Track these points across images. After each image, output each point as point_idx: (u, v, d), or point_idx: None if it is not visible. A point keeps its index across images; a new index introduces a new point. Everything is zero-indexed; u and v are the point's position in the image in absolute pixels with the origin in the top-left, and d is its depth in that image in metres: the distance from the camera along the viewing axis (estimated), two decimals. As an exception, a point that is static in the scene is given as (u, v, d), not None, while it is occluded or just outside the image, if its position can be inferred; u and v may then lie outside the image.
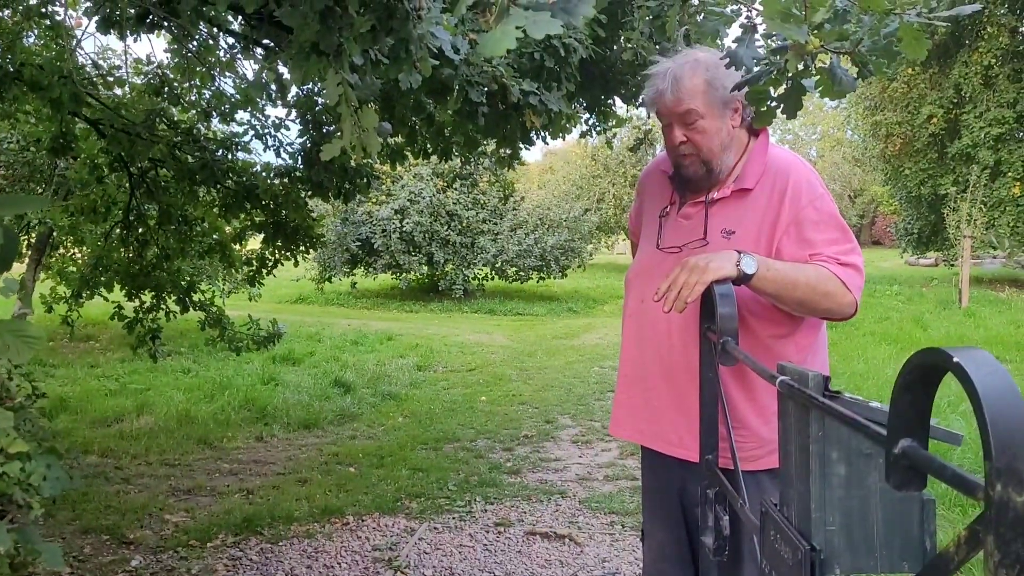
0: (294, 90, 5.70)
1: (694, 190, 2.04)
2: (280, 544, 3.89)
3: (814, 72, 1.60)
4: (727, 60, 1.61)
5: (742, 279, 1.80)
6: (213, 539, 3.93)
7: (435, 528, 4.11)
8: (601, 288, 19.35)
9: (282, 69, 3.29)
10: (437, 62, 2.57)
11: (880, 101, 19.20)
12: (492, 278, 16.88)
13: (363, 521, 4.21)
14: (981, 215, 14.93)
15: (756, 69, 1.67)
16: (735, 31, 1.62)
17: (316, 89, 5.51)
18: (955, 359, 0.76)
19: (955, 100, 17.37)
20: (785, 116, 1.66)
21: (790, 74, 1.61)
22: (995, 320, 11.47)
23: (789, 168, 1.97)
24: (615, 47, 3.84)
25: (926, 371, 0.90)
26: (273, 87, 4.87)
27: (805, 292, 1.84)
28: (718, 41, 1.86)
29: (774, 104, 1.71)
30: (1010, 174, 16.33)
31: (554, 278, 17.04)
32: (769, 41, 1.69)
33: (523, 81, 3.08)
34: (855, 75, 1.54)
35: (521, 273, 16.44)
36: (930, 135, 17.78)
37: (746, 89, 1.78)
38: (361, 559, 3.72)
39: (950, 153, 17.42)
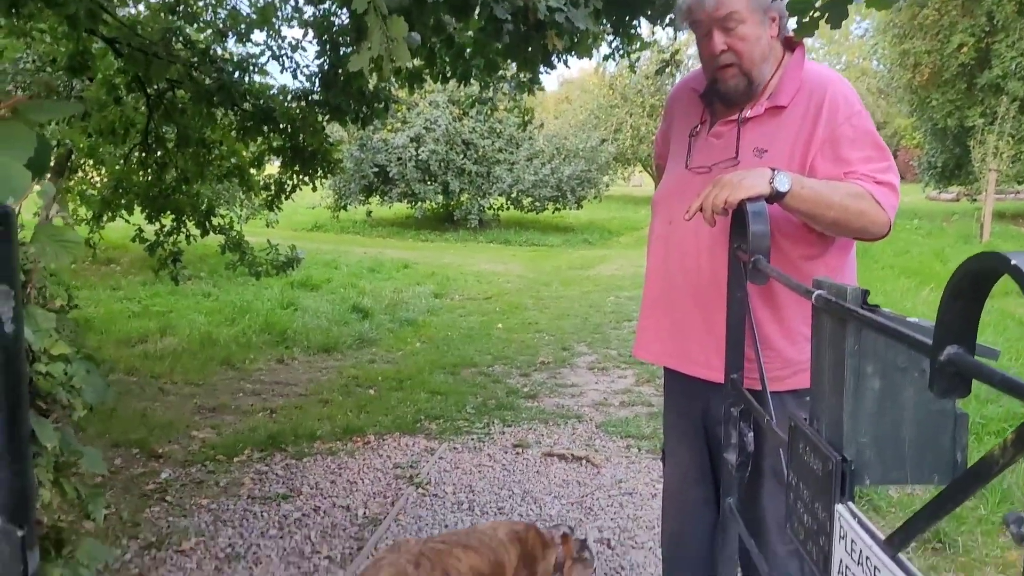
0: (311, 9, 5.61)
1: (730, 105, 2.00)
2: (304, 460, 3.99)
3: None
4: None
5: (775, 197, 1.78)
6: (239, 454, 4.03)
7: (454, 448, 4.19)
8: (617, 220, 19.23)
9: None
10: (464, -25, 2.51)
11: (909, 29, 18.63)
12: (507, 208, 16.79)
13: (384, 440, 4.29)
14: (1008, 148, 14.60)
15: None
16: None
17: (333, 8, 5.41)
18: (1013, 262, 0.75)
19: (987, 28, 16.81)
20: (830, 26, 1.62)
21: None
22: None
23: (826, 84, 1.92)
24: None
25: (980, 276, 0.89)
26: (292, 2, 4.77)
27: (839, 211, 1.81)
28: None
29: (817, 15, 1.66)
30: (1041, 106, 15.92)
31: (569, 209, 16.94)
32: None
33: (550, -2, 3.00)
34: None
35: (536, 203, 16.35)
36: (959, 65, 17.29)
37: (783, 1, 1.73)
38: (383, 475, 3.81)
39: (979, 84, 16.95)
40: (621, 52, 5.02)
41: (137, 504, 3.43)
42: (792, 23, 1.86)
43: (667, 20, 4.32)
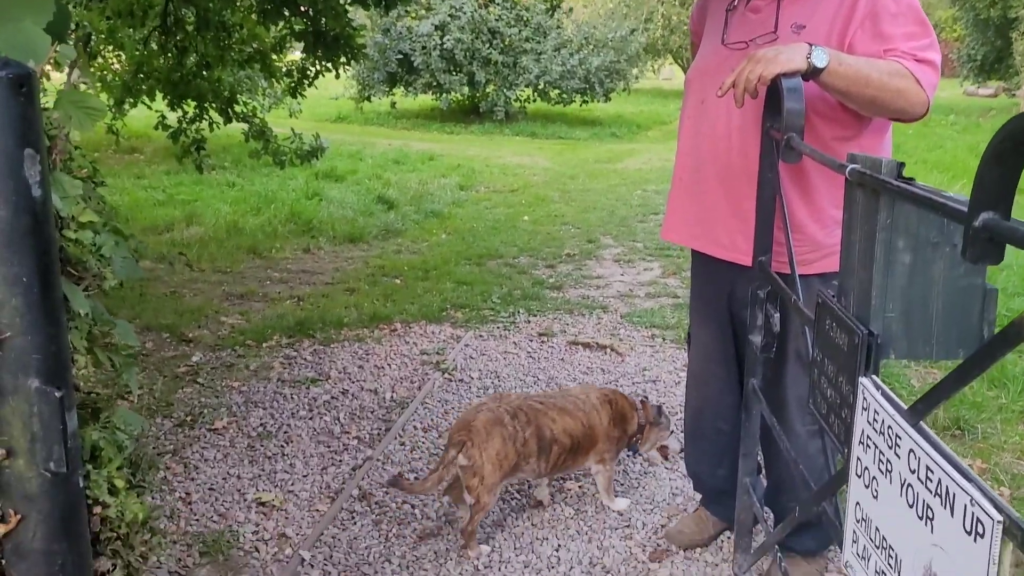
0: None
1: None
2: (332, 346, 4.07)
3: None
4: None
5: (812, 73, 1.72)
6: (268, 340, 4.12)
7: (480, 336, 4.25)
8: (645, 113, 18.79)
9: None
10: None
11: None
12: (534, 100, 16.44)
13: (410, 328, 4.36)
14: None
15: None
16: None
17: None
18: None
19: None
20: None
21: None
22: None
23: None
24: None
25: (1018, 141, 0.86)
26: None
27: (877, 89, 1.75)
28: None
29: None
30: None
31: (597, 102, 16.54)
32: None
33: None
34: None
35: (564, 95, 15.97)
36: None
37: None
38: (410, 361, 3.89)
39: (1027, -28, 16.06)
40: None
41: (170, 385, 3.54)
42: None
43: None
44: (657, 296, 5.00)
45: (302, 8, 5.49)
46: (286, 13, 5.50)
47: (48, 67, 1.45)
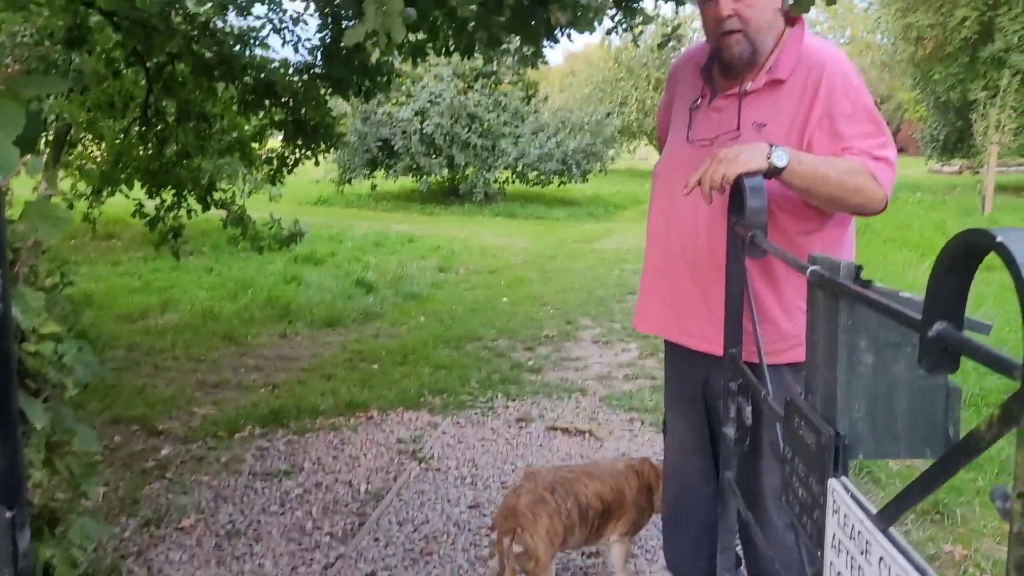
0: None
1: (731, 75, 1.97)
2: (306, 435, 4.01)
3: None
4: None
5: (773, 172, 1.77)
6: (240, 430, 4.05)
7: (458, 423, 4.21)
8: (622, 193, 19.15)
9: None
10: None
11: (912, 2, 18.41)
12: (513, 181, 16.73)
13: (387, 415, 4.31)
14: (1010, 121, 14.46)
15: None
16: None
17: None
18: (999, 239, 0.74)
19: (990, 2, 16.59)
20: (825, 1, 1.59)
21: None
22: (1016, 226, 11.27)
23: (824, 59, 1.90)
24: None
25: (968, 252, 0.88)
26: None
27: (836, 187, 1.80)
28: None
29: (816, -14, 1.63)
30: (1041, 79, 15.74)
31: (575, 182, 16.86)
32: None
33: (550, -32, 2.95)
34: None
35: (542, 177, 16.27)
36: (962, 38, 17.07)
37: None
38: (386, 450, 3.83)
39: (981, 57, 16.74)
40: (624, 26, 4.96)
41: (136, 481, 3.45)
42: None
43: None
44: (635, 378, 5.00)
45: (283, 98, 5.61)
46: (267, 103, 5.62)
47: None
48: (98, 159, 6.50)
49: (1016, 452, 0.63)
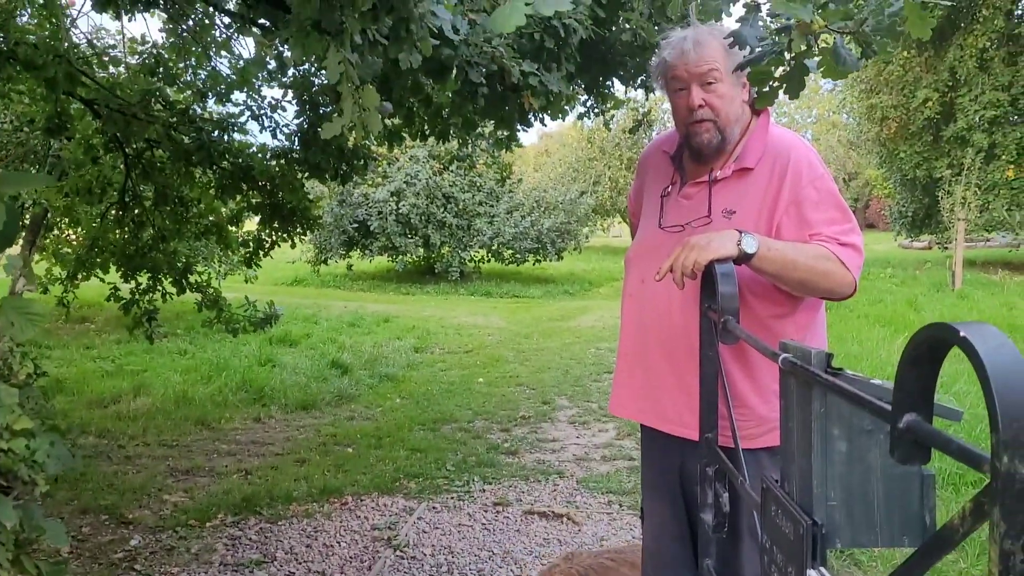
0: (291, 70, 5.68)
1: (700, 163, 2.04)
2: (279, 523, 3.91)
3: (816, 52, 1.61)
4: (731, 40, 1.61)
5: (743, 258, 1.81)
6: (212, 519, 3.95)
7: (434, 508, 4.14)
8: (597, 271, 19.34)
9: (281, 48, 3.27)
10: (437, 42, 2.56)
11: (876, 84, 19.16)
12: (488, 260, 16.87)
13: (362, 501, 4.23)
14: (975, 198, 14.93)
15: (759, 49, 1.67)
16: (739, 10, 1.62)
17: (313, 69, 5.49)
18: (962, 333, 0.77)
19: (950, 83, 17.33)
20: (788, 96, 1.66)
21: (793, 54, 1.61)
22: (988, 302, 11.53)
23: (790, 148, 1.97)
24: (614, 28, 3.82)
25: (932, 345, 0.91)
26: (272, 64, 4.84)
27: (805, 272, 1.85)
28: (721, 21, 1.86)
29: (776, 85, 1.71)
30: (1004, 157, 16.33)
31: (550, 260, 17.04)
32: (772, 21, 1.69)
33: (523, 62, 3.06)
34: (858, 55, 1.54)
35: (517, 255, 16.43)
36: (925, 118, 17.76)
37: (748, 69, 1.78)
38: (360, 538, 3.75)
39: (945, 136, 17.40)
40: (596, 111, 5.12)
41: (105, 575, 3.34)
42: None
43: (639, 81, 4.43)
44: (613, 459, 4.96)
45: (260, 183, 5.66)
46: (244, 187, 5.67)
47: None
48: (74, 243, 6.49)
49: (990, 545, 0.64)
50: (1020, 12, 15.70)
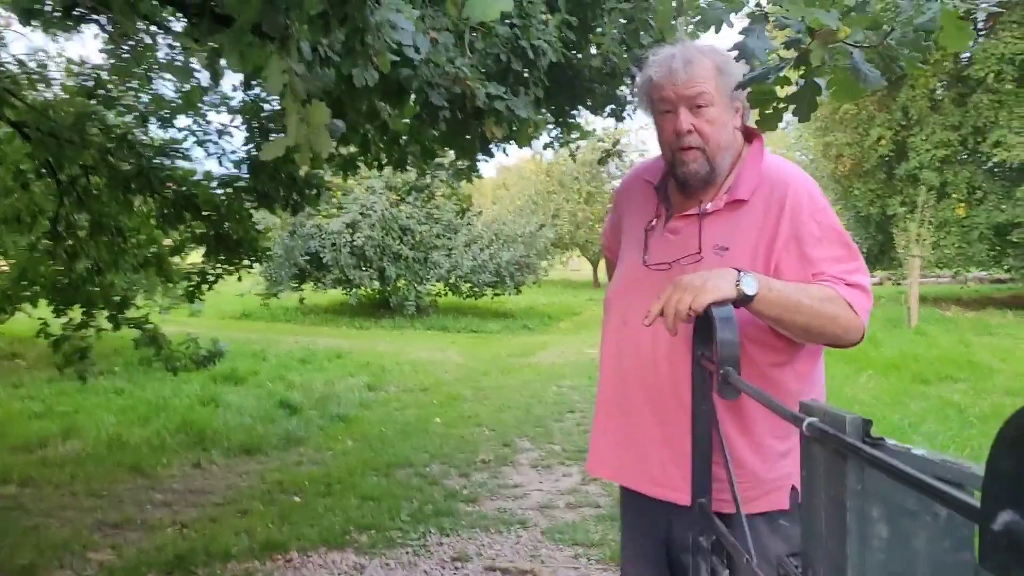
0: (239, 96, 5.42)
1: (687, 194, 1.84)
2: (216, 585, 3.57)
3: (829, 70, 1.41)
4: (735, 52, 1.40)
5: (742, 300, 1.60)
6: (141, 580, 3.59)
7: (387, 564, 3.83)
8: (556, 305, 19.17)
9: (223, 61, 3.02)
10: (396, 58, 2.33)
11: (830, 123, 19.50)
12: (445, 294, 16.60)
13: (308, 557, 3.90)
14: (929, 235, 15.16)
15: (763, 66, 1.47)
16: (741, 22, 1.41)
17: (264, 95, 5.23)
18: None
19: (903, 123, 17.70)
20: (798, 119, 1.46)
21: (803, 70, 1.42)
22: (944, 339, 11.58)
23: (788, 179, 1.78)
24: (583, 53, 3.64)
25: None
26: (206, 79, 4.57)
27: (810, 316, 1.64)
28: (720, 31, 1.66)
29: (782, 107, 1.51)
30: (954, 195, 16.67)
31: (509, 294, 16.82)
32: (780, 33, 1.50)
33: (489, 84, 2.85)
34: (881, 71, 1.35)
35: (475, 289, 16.20)
36: (879, 156, 18.08)
37: (748, 90, 1.58)
38: (305, 601, 3.42)
39: (898, 174, 17.73)
40: (561, 141, 4.94)
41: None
42: (755, 114, 1.72)
43: (608, 111, 4.26)
44: (579, 506, 4.70)
45: (204, 212, 5.35)
46: (187, 216, 5.35)
47: None
48: (1, 275, 6.07)
49: None
50: (968, 55, 16.11)
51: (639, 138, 26.13)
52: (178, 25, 4.78)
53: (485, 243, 16.52)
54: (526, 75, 2.99)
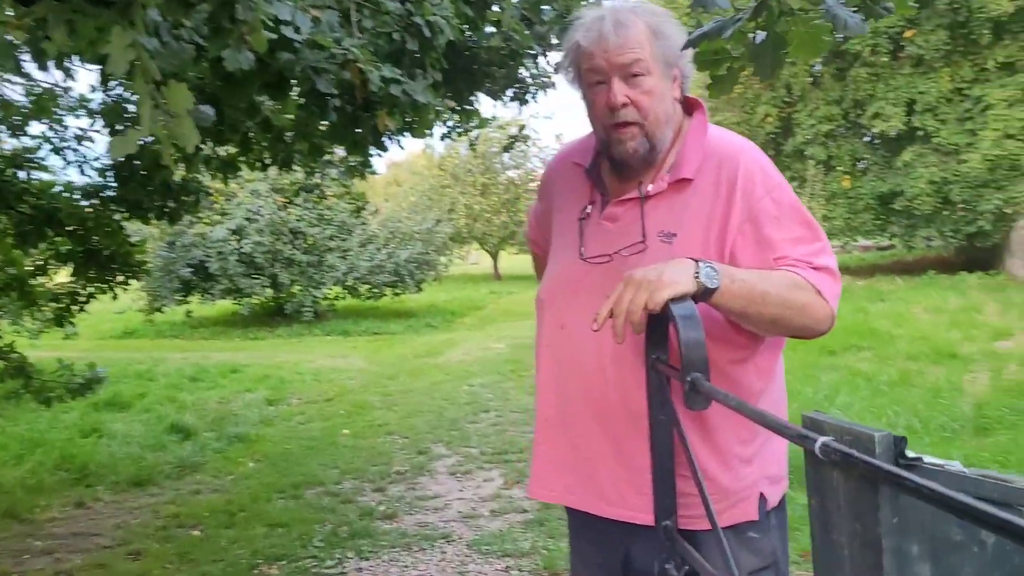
0: (98, 96, 4.91)
1: (624, 176, 1.62)
2: (106, 647, 3.16)
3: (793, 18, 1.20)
4: (695, 3, 1.18)
5: (704, 294, 1.39)
6: (16, 651, 3.14)
7: (301, 601, 3.50)
8: (458, 300, 18.91)
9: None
10: (273, 35, 2.02)
11: (719, 103, 19.91)
12: (343, 297, 16.06)
13: (212, 602, 3.53)
14: (819, 207, 15.64)
15: (713, 22, 1.25)
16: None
17: (129, 95, 4.75)
18: None
19: (787, 99, 18.23)
20: (760, 77, 1.25)
21: (760, 20, 1.20)
22: (842, 308, 11.85)
23: (737, 152, 1.57)
24: (478, 34, 3.39)
25: None
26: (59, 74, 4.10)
27: (777, 306, 1.45)
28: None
29: (736, 66, 1.30)
30: (839, 168, 17.28)
31: (409, 293, 16.43)
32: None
33: (383, 67, 2.56)
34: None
35: (374, 290, 15.74)
36: (766, 134, 18.55)
37: (691, 51, 1.36)
38: (212, 655, 3.06)
39: (785, 150, 18.26)
40: (459, 131, 4.68)
41: None
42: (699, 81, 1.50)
43: (509, 95, 4.03)
44: (504, 513, 4.47)
45: (68, 227, 4.83)
46: (48, 233, 4.82)
47: None
48: None
49: None
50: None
51: (532, 127, 25.84)
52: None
53: (382, 242, 16.08)
54: (422, 56, 2.71)
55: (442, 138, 4.66)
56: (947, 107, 15.39)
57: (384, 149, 4.39)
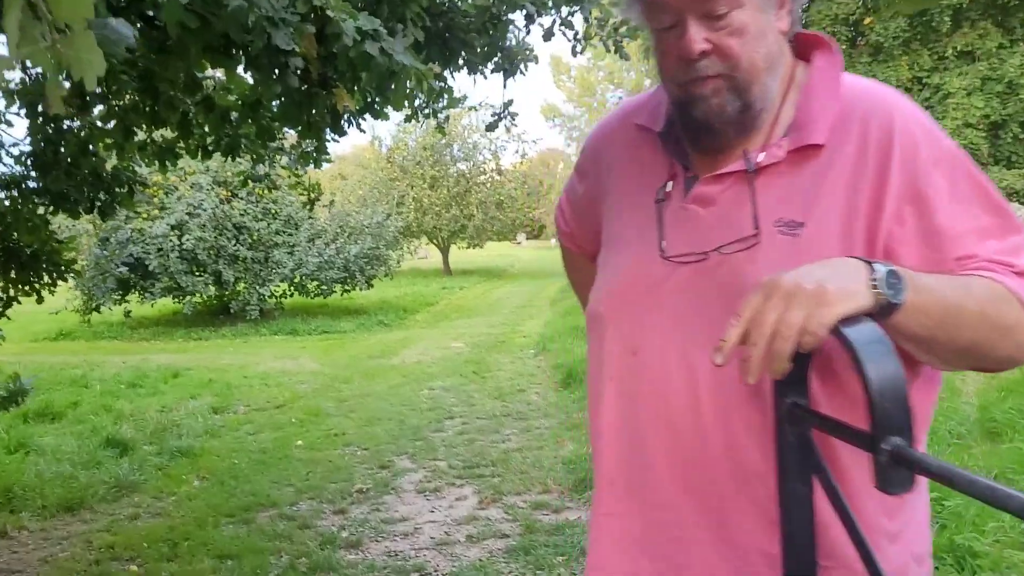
0: (16, 75, 4.31)
1: (714, 148, 1.15)
2: None
3: None
4: None
5: (884, 311, 0.93)
6: None
7: (258, 658, 2.98)
8: (410, 296, 18.35)
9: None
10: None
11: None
12: (291, 295, 15.36)
13: (152, 661, 2.99)
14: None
15: None
16: None
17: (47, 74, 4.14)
18: None
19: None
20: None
21: None
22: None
23: (892, 108, 1.11)
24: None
25: None
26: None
27: (975, 329, 0.99)
28: None
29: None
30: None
31: (360, 289, 15.81)
32: None
33: (358, 16, 2.05)
34: None
35: (323, 287, 15.08)
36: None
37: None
38: None
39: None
40: (426, 111, 4.18)
41: None
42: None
43: (490, 67, 3.55)
44: (481, 539, 4.01)
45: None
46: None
47: None
48: None
49: None
50: (803, 17, 16.65)
51: (479, 119, 24.75)
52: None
53: (330, 237, 15.43)
54: (403, 7, 2.21)
55: (406, 120, 4.15)
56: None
57: (342, 133, 3.88)
